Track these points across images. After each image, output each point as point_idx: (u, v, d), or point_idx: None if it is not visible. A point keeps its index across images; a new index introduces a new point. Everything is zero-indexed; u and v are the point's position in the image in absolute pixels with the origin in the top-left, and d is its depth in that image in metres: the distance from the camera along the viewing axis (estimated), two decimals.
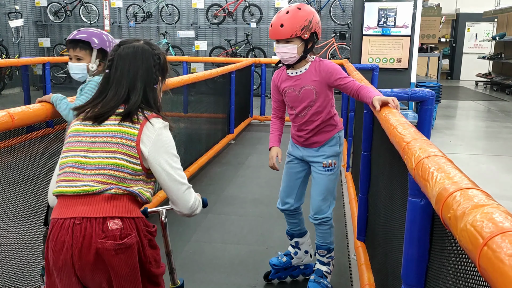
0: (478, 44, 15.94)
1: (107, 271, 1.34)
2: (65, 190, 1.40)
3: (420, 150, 1.27)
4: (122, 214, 1.37)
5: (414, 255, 1.33)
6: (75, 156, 1.44)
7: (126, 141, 1.41)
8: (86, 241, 1.32)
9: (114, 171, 1.40)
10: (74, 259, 1.33)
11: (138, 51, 1.51)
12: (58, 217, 1.38)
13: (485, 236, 0.72)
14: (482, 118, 9.05)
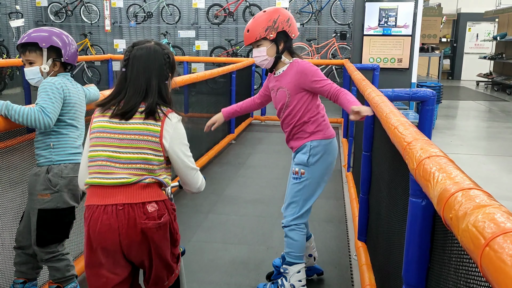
0: (479, 44, 15.93)
1: (148, 245, 1.62)
2: (103, 182, 1.61)
3: (421, 150, 1.27)
4: (156, 198, 1.63)
5: (415, 255, 1.33)
6: (106, 151, 1.62)
7: (151, 138, 1.63)
8: (131, 223, 1.57)
9: (144, 164, 1.62)
10: (122, 239, 1.57)
11: (150, 51, 1.68)
12: (98, 204, 1.59)
13: (487, 237, 0.72)
14: (483, 118, 9.04)
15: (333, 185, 4.54)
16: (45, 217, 2.10)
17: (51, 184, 2.09)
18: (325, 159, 2.37)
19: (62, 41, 2.14)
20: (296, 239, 2.40)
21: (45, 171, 2.09)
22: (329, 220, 3.69)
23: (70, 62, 2.19)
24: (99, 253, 1.61)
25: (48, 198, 2.09)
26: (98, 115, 1.68)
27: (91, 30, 11.95)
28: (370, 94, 2.66)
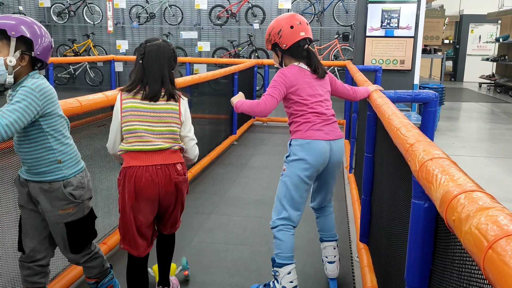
0: (482, 45, 15.91)
1: (176, 194, 2.18)
2: (144, 148, 2.09)
3: (424, 152, 1.26)
4: (180, 160, 2.18)
5: (417, 258, 1.32)
6: (142, 125, 2.09)
7: (174, 115, 2.14)
8: (168, 178, 2.10)
9: (171, 134, 2.14)
10: (160, 190, 2.10)
11: (160, 47, 2.15)
12: (140, 165, 2.07)
13: (490, 239, 0.72)
14: (486, 120, 9.03)
15: (335, 186, 4.53)
16: (74, 227, 2.04)
17: (75, 198, 2.01)
18: (303, 159, 2.37)
19: (34, 32, 1.83)
20: (283, 239, 2.36)
21: (60, 187, 1.97)
22: None
23: (41, 58, 1.88)
24: (141, 202, 2.10)
25: (73, 211, 2.02)
26: (128, 97, 2.12)
27: (93, 30, 11.98)
28: (373, 96, 2.65)
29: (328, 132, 2.40)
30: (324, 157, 2.39)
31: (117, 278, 2.76)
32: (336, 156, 2.44)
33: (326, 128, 2.41)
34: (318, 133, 2.38)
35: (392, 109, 2.07)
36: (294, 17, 2.45)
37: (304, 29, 2.42)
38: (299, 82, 2.42)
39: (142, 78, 2.12)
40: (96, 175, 3.78)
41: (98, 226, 3.03)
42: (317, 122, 2.40)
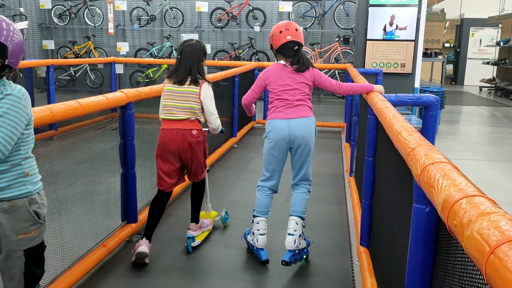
0: (482, 49, 15.92)
1: (191, 152, 2.97)
2: (170, 117, 2.97)
3: (425, 157, 1.26)
4: (196, 128, 2.99)
5: (418, 262, 1.32)
6: (171, 101, 2.98)
7: (194, 95, 2.96)
8: (183, 138, 2.93)
9: (191, 109, 2.97)
10: (178, 146, 2.94)
11: (193, 45, 3.04)
12: (167, 128, 2.96)
13: (492, 244, 0.72)
14: (486, 123, 9.03)
15: (335, 190, 4.53)
16: (33, 256, 1.78)
17: (40, 217, 1.77)
18: (267, 135, 3.00)
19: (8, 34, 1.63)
20: (259, 198, 3.08)
21: (24, 204, 1.71)
22: (331, 225, 3.68)
23: (13, 66, 1.69)
24: (166, 153, 2.98)
25: (35, 234, 1.76)
26: (167, 82, 3.03)
27: (94, 32, 11.99)
28: (373, 99, 2.65)
29: (289, 113, 2.92)
30: (283, 133, 2.92)
31: (118, 279, 2.75)
32: (296, 131, 2.91)
33: (287, 110, 2.93)
34: (279, 114, 2.95)
35: (393, 113, 2.06)
36: (284, 24, 2.99)
37: (290, 33, 2.94)
38: (272, 76, 3.02)
39: (177, 68, 3.01)
40: (95, 178, 3.78)
41: (98, 229, 3.02)
42: (280, 106, 2.96)
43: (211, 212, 3.55)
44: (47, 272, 2.46)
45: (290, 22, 3.03)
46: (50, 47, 12.09)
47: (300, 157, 2.96)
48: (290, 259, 2.88)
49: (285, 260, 2.87)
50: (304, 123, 2.92)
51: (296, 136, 2.90)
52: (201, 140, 3.01)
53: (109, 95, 2.89)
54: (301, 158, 2.96)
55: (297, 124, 2.90)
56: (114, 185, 3.36)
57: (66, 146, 5.37)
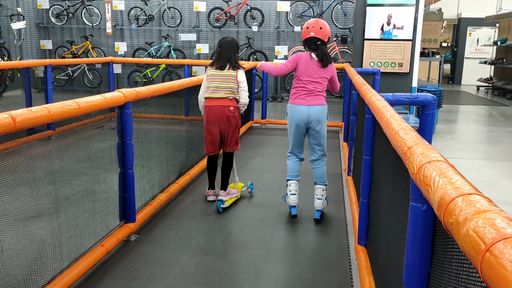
0: (480, 49, 15.95)
1: (228, 124, 3.82)
2: (214, 96, 3.81)
3: (422, 155, 1.26)
4: (233, 105, 3.82)
5: (416, 260, 1.32)
6: (214, 83, 3.82)
7: (232, 78, 3.82)
8: (223, 113, 3.78)
9: (230, 89, 3.81)
10: (218, 119, 3.79)
11: (230, 41, 3.95)
12: (210, 105, 3.81)
13: (487, 242, 0.72)
14: (483, 122, 9.05)
15: (333, 188, 4.54)
16: None
17: None
18: (292, 116, 3.68)
19: None
20: (288, 165, 3.83)
21: None
22: (329, 224, 3.68)
23: None
24: (209, 124, 3.84)
25: None
26: (210, 68, 3.93)
27: (92, 32, 11.97)
28: (371, 99, 2.66)
29: (309, 101, 3.64)
30: (303, 116, 3.64)
31: (116, 279, 2.76)
32: (313, 116, 3.64)
33: (308, 98, 3.64)
34: (301, 101, 3.65)
35: (390, 112, 2.07)
36: (312, 22, 3.68)
37: (314, 30, 3.64)
38: (302, 64, 3.66)
39: (218, 58, 3.92)
40: (93, 178, 3.78)
41: (96, 229, 3.03)
42: (303, 93, 3.65)
43: (239, 184, 4.25)
44: (45, 272, 2.47)
45: (318, 20, 3.70)
46: (48, 47, 12.07)
47: (317, 136, 3.71)
48: (319, 217, 3.72)
49: (317, 218, 3.71)
50: (320, 110, 3.67)
51: (313, 120, 3.65)
52: (237, 115, 3.91)
53: (107, 94, 2.89)
54: (317, 136, 3.71)
55: (315, 110, 3.64)
56: (112, 184, 3.36)
57: (64, 145, 5.37)
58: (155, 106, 4.11)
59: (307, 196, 4.28)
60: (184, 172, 4.54)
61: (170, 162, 4.28)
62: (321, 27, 3.63)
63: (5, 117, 2.00)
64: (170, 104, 4.47)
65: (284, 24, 11.38)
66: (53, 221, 2.82)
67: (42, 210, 3.25)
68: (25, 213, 2.94)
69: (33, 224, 2.78)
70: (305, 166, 4.13)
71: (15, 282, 2.38)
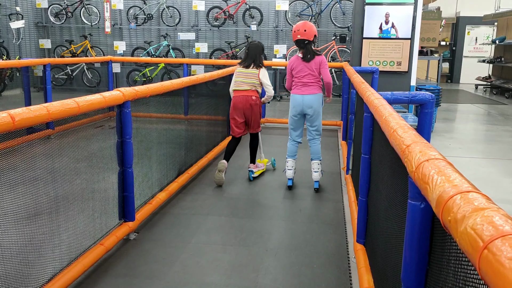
0: (478, 47, 15.96)
1: (251, 110, 4.62)
2: (239, 88, 4.62)
3: (420, 153, 1.27)
4: (255, 95, 4.61)
5: (414, 258, 1.33)
6: (241, 78, 4.62)
7: (255, 75, 4.61)
8: (247, 101, 4.59)
9: (252, 83, 4.60)
10: (243, 106, 4.59)
11: (256, 44, 4.74)
12: (237, 95, 4.61)
13: (485, 239, 0.73)
14: (482, 121, 9.06)
15: (332, 187, 4.54)
16: None
17: None
18: (291, 103, 4.47)
19: None
20: (288, 147, 4.59)
21: None
22: (328, 222, 3.69)
23: None
24: (235, 110, 4.61)
25: None
26: (238, 66, 4.69)
27: (91, 31, 11.96)
28: (369, 97, 2.66)
29: (304, 91, 4.36)
30: (298, 103, 4.38)
31: (116, 278, 2.76)
32: (306, 103, 4.35)
33: (303, 88, 4.36)
34: (297, 90, 4.40)
35: (388, 111, 2.07)
36: (298, 25, 4.32)
37: (300, 33, 4.28)
38: (294, 65, 4.42)
39: (246, 58, 4.68)
40: (93, 176, 3.78)
41: (95, 227, 3.03)
42: (299, 85, 4.39)
43: (264, 159, 5.15)
44: (45, 271, 2.47)
45: (304, 23, 4.31)
46: (47, 46, 12.05)
47: (311, 119, 4.42)
48: (317, 186, 4.46)
49: (316, 188, 4.45)
50: (312, 98, 4.35)
51: (306, 106, 4.36)
52: (258, 103, 4.67)
53: (106, 93, 2.89)
54: (311, 120, 4.42)
55: (308, 98, 4.35)
56: (111, 183, 3.36)
57: (63, 144, 5.37)
58: (154, 105, 4.11)
59: (307, 196, 4.30)
60: (183, 171, 4.55)
61: (169, 161, 4.29)
62: (306, 29, 4.26)
63: (4, 116, 2.00)
64: (169, 103, 4.47)
65: (283, 23, 11.38)
66: (53, 219, 2.82)
67: (42, 209, 3.25)
68: (25, 212, 2.94)
69: (33, 223, 2.79)
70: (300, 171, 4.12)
71: (15, 280, 2.38)
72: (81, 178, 4.32)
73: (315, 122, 4.42)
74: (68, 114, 2.45)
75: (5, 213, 2.52)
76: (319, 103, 4.37)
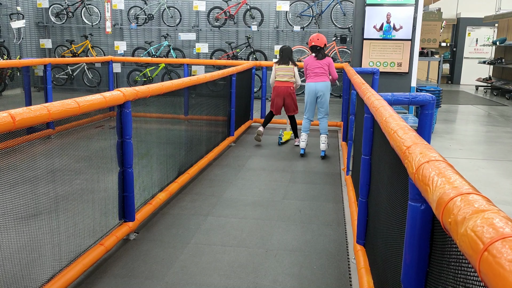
0: (479, 48, 15.96)
1: (291, 97, 6.31)
2: (281, 80, 6.27)
3: (421, 155, 1.27)
4: (292, 85, 6.29)
5: (414, 259, 1.33)
6: (282, 72, 6.26)
7: (291, 70, 6.26)
8: (287, 90, 6.28)
9: (290, 76, 6.26)
10: (284, 93, 6.28)
11: (287, 47, 6.38)
12: (279, 86, 6.28)
13: (486, 242, 0.73)
14: (482, 122, 9.06)
15: (332, 188, 4.54)
16: None
17: None
18: (305, 91, 5.92)
19: None
20: (303, 123, 5.98)
21: None
22: (328, 223, 3.69)
23: None
24: (278, 96, 6.29)
25: None
26: (276, 65, 6.31)
27: (92, 31, 11.97)
28: (370, 98, 2.66)
29: (316, 79, 5.80)
30: (312, 89, 5.82)
31: (115, 278, 2.76)
32: (318, 88, 5.80)
33: (315, 78, 5.81)
34: (311, 79, 5.83)
35: (389, 112, 2.07)
36: (313, 36, 5.89)
37: (314, 41, 5.85)
38: (309, 62, 5.87)
39: (282, 58, 6.24)
40: (94, 176, 3.78)
41: (95, 227, 3.03)
42: (312, 75, 5.83)
43: (289, 132, 6.73)
44: (45, 270, 2.47)
45: (318, 35, 5.88)
46: (48, 46, 12.05)
47: (321, 102, 5.84)
48: (324, 155, 5.77)
49: (322, 155, 5.77)
50: (322, 84, 5.81)
51: (319, 91, 5.79)
52: (294, 91, 6.28)
53: (107, 93, 2.89)
54: (321, 102, 5.84)
55: (320, 85, 5.79)
56: (111, 183, 3.36)
57: (64, 144, 5.37)
58: (154, 105, 4.11)
59: (307, 197, 4.30)
60: (184, 171, 4.55)
61: (169, 161, 4.29)
62: (318, 38, 5.85)
63: (4, 116, 2.00)
64: (169, 103, 4.47)
65: (284, 23, 11.38)
66: (53, 219, 2.83)
67: (42, 209, 3.25)
68: (25, 212, 2.94)
69: (33, 223, 2.79)
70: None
71: (14, 280, 2.38)
72: (81, 178, 4.33)
73: (324, 104, 5.85)
74: (68, 114, 2.45)
75: (5, 213, 2.52)
76: (327, 89, 5.84)
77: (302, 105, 6.42)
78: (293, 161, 5.61)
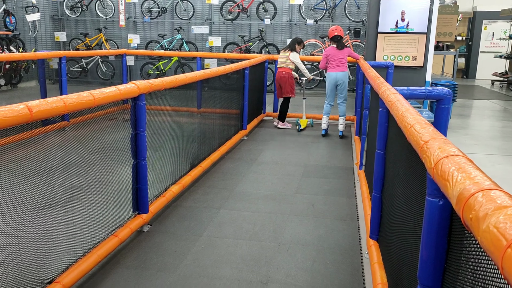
0: (495, 43, 15.70)
1: (285, 80, 6.97)
2: (278, 65, 7.14)
3: (440, 150, 1.25)
4: (285, 70, 7.00)
5: (431, 256, 1.31)
6: (280, 58, 7.12)
7: (285, 56, 7.03)
8: (280, 75, 7.03)
9: (285, 62, 7.00)
10: (278, 77, 7.07)
11: (295, 37, 7.19)
12: (278, 71, 7.12)
13: (509, 238, 0.71)
14: (498, 117, 8.92)
15: (345, 182, 4.52)
16: None
17: None
18: (326, 79, 6.67)
19: None
20: (324, 108, 6.69)
21: None
22: (341, 218, 3.68)
23: None
24: (276, 80, 7.13)
25: None
26: (281, 51, 7.18)
27: (106, 25, 12.02)
28: (385, 92, 2.63)
29: (336, 69, 6.44)
30: (333, 78, 6.48)
31: (129, 269, 2.79)
32: (338, 77, 6.47)
33: (336, 68, 6.44)
34: (332, 69, 6.47)
35: (405, 106, 2.05)
36: (333, 28, 6.49)
37: (337, 32, 6.45)
38: (330, 53, 6.47)
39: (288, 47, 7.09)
40: (108, 168, 3.81)
41: (109, 219, 3.06)
42: (333, 65, 6.45)
43: (305, 120, 7.19)
44: (60, 261, 2.50)
45: (337, 27, 6.48)
46: (62, 39, 12.15)
47: (340, 89, 6.51)
48: (341, 134, 6.61)
49: (340, 135, 6.62)
50: (342, 74, 6.47)
51: (339, 79, 6.46)
52: (287, 76, 6.87)
53: (121, 86, 2.90)
54: (341, 89, 6.51)
55: (340, 74, 6.46)
56: (125, 175, 3.38)
57: (78, 136, 5.42)
58: (168, 98, 4.12)
59: (320, 191, 4.28)
60: (196, 164, 4.56)
61: (182, 154, 4.30)
62: (340, 29, 6.47)
63: (21, 107, 2.02)
64: (182, 96, 4.48)
65: (297, 17, 11.31)
66: (68, 211, 2.86)
67: (57, 200, 3.29)
68: (40, 203, 2.98)
69: (48, 214, 2.82)
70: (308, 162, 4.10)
71: (30, 270, 2.42)
72: (95, 170, 4.36)
73: (343, 91, 6.54)
74: (84, 106, 2.47)
75: (20, 204, 2.55)
76: (346, 77, 6.54)
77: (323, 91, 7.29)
78: (305, 155, 5.59)
